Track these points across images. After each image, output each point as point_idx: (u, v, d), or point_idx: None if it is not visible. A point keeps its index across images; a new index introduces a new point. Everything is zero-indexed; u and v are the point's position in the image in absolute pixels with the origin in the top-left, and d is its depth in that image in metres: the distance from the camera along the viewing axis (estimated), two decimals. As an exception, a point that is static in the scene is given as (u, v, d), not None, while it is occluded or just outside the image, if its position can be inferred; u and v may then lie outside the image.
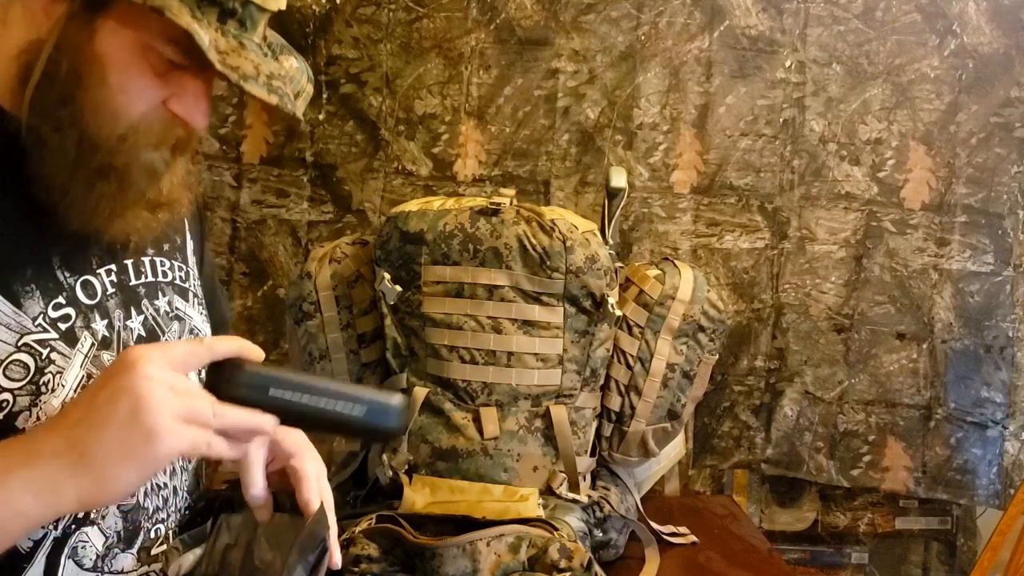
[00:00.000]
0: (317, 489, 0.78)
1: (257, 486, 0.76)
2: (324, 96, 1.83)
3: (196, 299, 0.90)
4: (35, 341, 0.69)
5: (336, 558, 0.77)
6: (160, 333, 0.82)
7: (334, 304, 1.37)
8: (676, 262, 1.43)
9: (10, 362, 0.68)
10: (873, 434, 1.94)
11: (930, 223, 1.91)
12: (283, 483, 0.80)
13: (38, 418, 0.68)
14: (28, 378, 0.68)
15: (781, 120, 1.89)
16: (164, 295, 0.84)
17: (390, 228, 1.33)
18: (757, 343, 1.93)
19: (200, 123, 0.74)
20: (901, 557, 2.04)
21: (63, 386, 0.71)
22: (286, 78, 0.75)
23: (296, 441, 0.80)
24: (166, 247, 0.87)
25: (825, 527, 2.01)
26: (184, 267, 0.89)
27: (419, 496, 1.22)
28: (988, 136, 1.89)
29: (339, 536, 1.10)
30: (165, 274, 0.85)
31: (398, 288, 1.31)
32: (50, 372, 0.70)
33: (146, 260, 0.83)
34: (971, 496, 1.94)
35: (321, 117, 1.83)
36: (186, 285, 0.88)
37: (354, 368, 1.38)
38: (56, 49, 0.67)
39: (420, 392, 1.29)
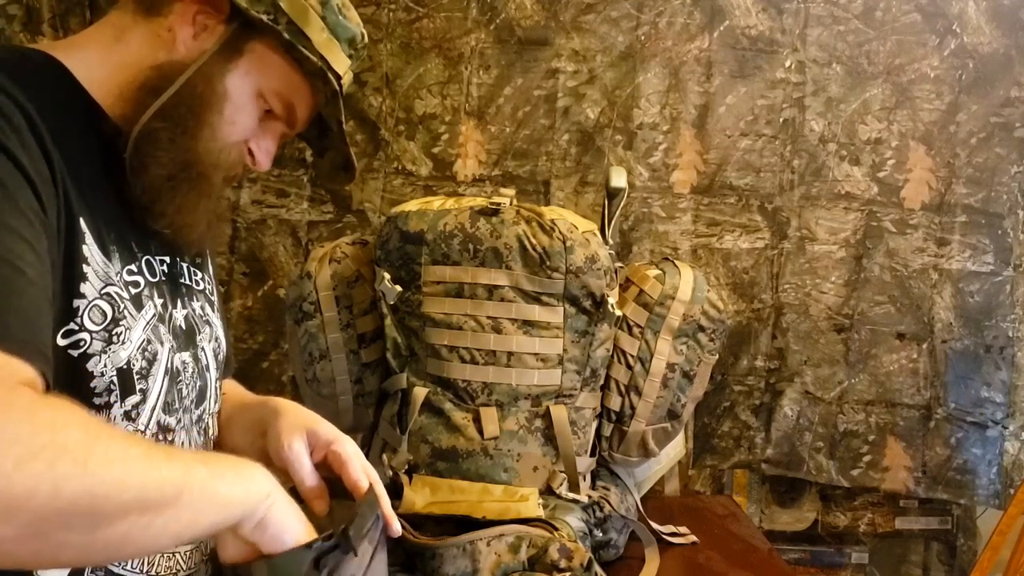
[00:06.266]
0: (362, 468, 0.82)
1: (308, 476, 0.81)
2: (324, 96, 1.83)
3: (218, 310, 0.97)
4: (115, 292, 0.74)
5: (395, 526, 0.80)
6: (197, 332, 0.88)
7: (334, 304, 1.37)
8: (676, 262, 1.43)
9: (93, 306, 0.71)
10: (873, 434, 1.94)
11: (930, 223, 1.91)
12: (326, 471, 0.83)
13: (106, 365, 0.72)
14: (104, 325, 0.72)
15: (781, 120, 1.89)
16: (197, 300, 0.91)
17: (390, 228, 1.33)
18: (757, 343, 1.93)
19: (265, 166, 0.88)
20: (901, 557, 2.04)
21: (131, 341, 0.75)
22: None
23: (331, 428, 0.84)
24: (198, 260, 0.94)
25: (825, 527, 2.01)
26: (210, 281, 0.96)
27: (419, 496, 1.22)
28: (988, 136, 1.89)
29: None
30: (198, 283, 0.92)
31: (398, 288, 1.31)
32: (123, 324, 0.74)
33: (185, 265, 0.89)
34: (971, 496, 1.94)
35: (321, 117, 1.83)
36: (212, 297, 0.95)
37: (354, 368, 1.38)
38: (196, 74, 0.79)
39: (420, 392, 1.29)
